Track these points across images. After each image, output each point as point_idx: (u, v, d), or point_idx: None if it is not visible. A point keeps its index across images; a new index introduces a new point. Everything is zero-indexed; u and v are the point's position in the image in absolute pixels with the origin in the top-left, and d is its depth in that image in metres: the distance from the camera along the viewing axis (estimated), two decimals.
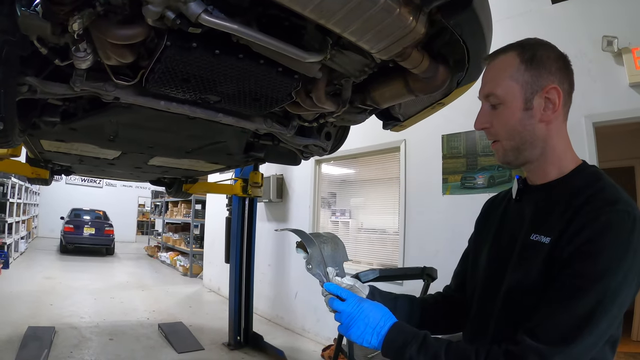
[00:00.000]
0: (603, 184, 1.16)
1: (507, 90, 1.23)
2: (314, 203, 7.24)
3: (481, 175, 4.74)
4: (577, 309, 1.01)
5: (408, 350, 1.15)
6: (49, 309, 7.59)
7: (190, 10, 1.36)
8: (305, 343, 6.68)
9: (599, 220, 1.06)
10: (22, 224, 15.11)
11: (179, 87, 1.97)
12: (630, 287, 1.05)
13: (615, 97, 3.88)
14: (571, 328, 1.01)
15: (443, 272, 3.16)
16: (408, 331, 1.21)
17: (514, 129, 1.24)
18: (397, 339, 1.19)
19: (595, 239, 1.05)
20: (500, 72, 1.25)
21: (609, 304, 1.02)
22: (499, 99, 1.24)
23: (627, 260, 1.03)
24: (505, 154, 1.28)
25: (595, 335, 1.02)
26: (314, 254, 1.43)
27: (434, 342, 1.16)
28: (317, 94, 2.10)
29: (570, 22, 4.27)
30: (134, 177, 6.36)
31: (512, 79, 1.22)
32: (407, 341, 1.17)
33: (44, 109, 2.41)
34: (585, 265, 1.04)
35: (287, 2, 1.29)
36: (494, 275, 1.30)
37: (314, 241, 1.44)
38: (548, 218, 1.19)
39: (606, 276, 1.02)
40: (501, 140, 1.28)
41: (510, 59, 1.24)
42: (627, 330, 6.36)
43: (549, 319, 1.04)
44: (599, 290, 1.01)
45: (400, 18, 1.42)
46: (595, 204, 1.10)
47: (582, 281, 1.03)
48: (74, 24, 1.45)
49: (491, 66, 1.29)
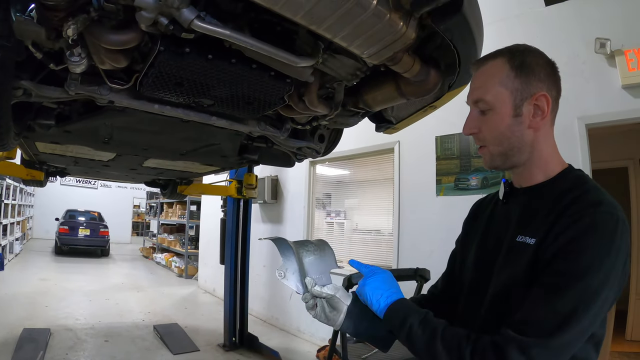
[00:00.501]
0: (588, 187, 1.18)
1: (496, 97, 1.23)
2: (308, 204, 7.25)
3: (474, 177, 4.77)
4: (559, 305, 1.03)
5: (409, 320, 1.23)
6: (44, 310, 7.57)
7: (183, 16, 1.38)
8: (300, 344, 6.69)
9: (583, 221, 1.08)
10: (16, 225, 15.01)
11: (173, 91, 1.98)
12: (612, 287, 1.07)
13: (608, 98, 3.91)
14: (553, 323, 1.03)
15: (437, 273, 3.16)
16: (413, 306, 1.29)
17: (503, 135, 1.25)
18: (402, 309, 1.28)
19: (578, 239, 1.07)
20: (489, 78, 1.25)
21: (591, 302, 1.04)
22: (488, 105, 1.25)
23: (609, 260, 1.05)
24: (492, 159, 1.30)
25: (577, 331, 1.04)
26: (287, 264, 1.45)
27: (435, 320, 1.22)
28: (310, 97, 2.12)
29: (564, 24, 4.30)
30: (129, 179, 6.35)
31: (501, 85, 1.23)
32: (410, 312, 1.25)
33: (38, 112, 2.42)
34: (568, 264, 1.06)
35: (278, 9, 1.31)
36: (481, 276, 1.32)
37: (292, 250, 1.45)
38: (533, 220, 1.21)
39: (589, 275, 1.03)
40: (489, 146, 1.29)
41: (499, 65, 1.25)
42: (621, 329, 6.41)
43: (531, 314, 1.06)
44: (581, 288, 1.03)
45: (390, 23, 1.43)
46: (580, 206, 1.12)
47: (565, 279, 1.05)
48: (69, 29, 1.47)
49: (480, 72, 1.30)
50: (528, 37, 4.40)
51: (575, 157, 3.91)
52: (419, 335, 1.19)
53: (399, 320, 1.25)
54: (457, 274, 1.51)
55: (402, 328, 1.23)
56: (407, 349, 1.24)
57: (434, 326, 1.18)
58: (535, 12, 4.57)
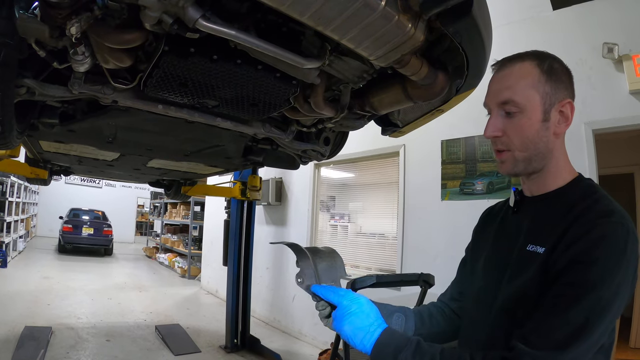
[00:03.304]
0: (598, 196, 1.17)
1: (527, 99, 1.20)
2: (312, 206, 7.23)
3: (480, 181, 4.74)
4: (570, 317, 1.02)
5: (402, 355, 1.14)
6: (47, 309, 7.58)
7: (188, 15, 1.36)
8: (303, 347, 6.67)
9: (594, 232, 1.06)
10: (20, 223, 15.09)
11: (177, 91, 1.97)
12: (623, 298, 1.05)
13: (615, 104, 3.89)
14: (564, 335, 1.01)
15: (441, 278, 3.15)
16: (401, 336, 1.20)
17: (530, 140, 1.22)
18: (390, 343, 1.17)
19: (589, 250, 1.05)
20: (519, 80, 1.22)
21: (602, 314, 1.02)
22: (517, 107, 1.21)
23: (620, 271, 1.03)
24: (515, 164, 1.26)
25: (588, 343, 1.02)
26: (305, 268, 1.42)
27: (428, 347, 1.15)
28: (316, 99, 2.10)
29: (571, 29, 4.28)
30: (133, 179, 6.36)
31: (533, 88, 1.20)
32: (400, 345, 1.16)
33: (42, 111, 2.41)
34: (580, 275, 1.04)
35: (285, 9, 1.28)
36: (490, 285, 1.30)
37: (308, 256, 1.43)
38: (544, 229, 1.19)
39: (600, 286, 1.02)
40: (513, 150, 1.24)
41: (529, 68, 1.22)
42: (625, 337, 6.36)
43: (542, 326, 1.04)
44: (592, 299, 1.02)
45: (399, 25, 1.41)
46: (590, 216, 1.10)
47: (576, 290, 1.03)
48: (72, 27, 1.45)
49: (506, 72, 1.25)
50: (535, 41, 4.38)
51: (582, 163, 3.88)
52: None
53: (388, 355, 1.16)
54: (467, 283, 1.49)
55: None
56: None
57: (430, 356, 1.12)
58: (543, 17, 4.55)
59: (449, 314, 1.55)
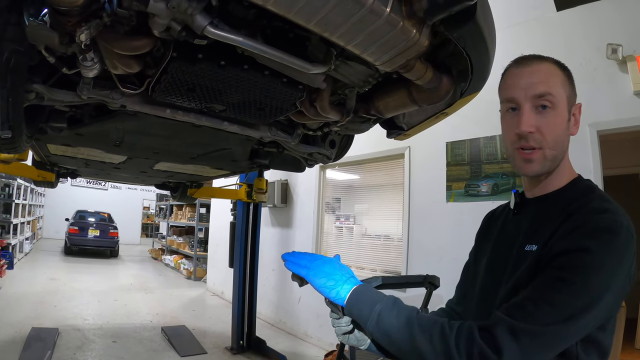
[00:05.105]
0: (594, 196, 1.18)
1: (560, 96, 1.21)
2: (318, 208, 7.24)
3: (485, 183, 4.74)
4: (556, 298, 1.01)
5: (379, 305, 1.15)
6: (53, 310, 7.62)
7: (196, 22, 1.38)
8: (308, 348, 6.68)
9: (587, 225, 1.07)
10: (27, 225, 15.15)
11: (185, 96, 1.99)
12: (614, 293, 1.05)
13: (619, 105, 3.88)
14: (546, 313, 1.00)
15: (447, 279, 3.16)
16: (378, 292, 1.22)
17: (560, 138, 1.22)
18: (367, 293, 1.20)
19: (580, 240, 1.05)
20: (552, 77, 1.22)
21: (588, 301, 1.02)
22: (552, 102, 1.20)
23: (611, 264, 1.03)
24: (544, 163, 1.22)
25: (570, 327, 1.01)
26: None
27: (405, 305, 1.17)
28: (322, 103, 2.12)
29: (575, 30, 4.27)
30: (139, 181, 6.40)
31: (562, 87, 1.22)
32: (377, 298, 1.18)
33: (50, 115, 2.43)
34: (570, 261, 1.04)
35: (291, 16, 1.30)
36: (490, 287, 1.31)
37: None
38: (540, 228, 1.20)
39: (590, 274, 1.02)
40: (544, 148, 1.21)
41: (555, 69, 1.24)
42: (631, 338, 6.33)
43: (526, 302, 1.04)
44: (580, 283, 1.01)
45: (403, 31, 1.42)
46: (585, 211, 1.12)
47: (565, 273, 1.03)
48: (81, 34, 1.47)
49: (536, 69, 1.23)
50: (539, 42, 4.40)
51: (587, 164, 3.87)
52: (392, 321, 1.13)
53: (365, 305, 1.17)
54: (470, 285, 1.50)
55: (371, 314, 1.15)
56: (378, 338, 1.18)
57: (408, 312, 1.14)
58: (546, 18, 4.55)
59: (456, 318, 1.56)
